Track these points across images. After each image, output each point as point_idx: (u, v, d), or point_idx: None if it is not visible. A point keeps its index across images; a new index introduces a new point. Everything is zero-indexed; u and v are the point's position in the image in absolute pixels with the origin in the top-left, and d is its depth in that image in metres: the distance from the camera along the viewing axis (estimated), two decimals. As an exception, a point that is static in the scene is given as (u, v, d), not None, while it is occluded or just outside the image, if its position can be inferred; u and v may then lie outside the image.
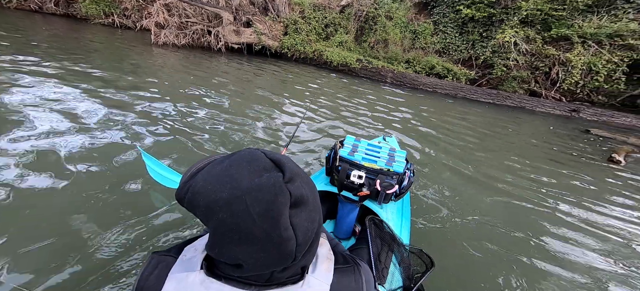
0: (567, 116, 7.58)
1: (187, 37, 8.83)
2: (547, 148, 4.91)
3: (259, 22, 8.96)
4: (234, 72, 6.96)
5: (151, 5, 9.42)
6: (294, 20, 9.17)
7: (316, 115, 4.67)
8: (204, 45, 9.01)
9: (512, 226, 2.52)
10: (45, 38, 6.99)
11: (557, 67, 7.84)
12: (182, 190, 0.51)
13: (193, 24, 8.88)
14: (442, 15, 9.52)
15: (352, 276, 0.62)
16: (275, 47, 9.06)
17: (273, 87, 5.98)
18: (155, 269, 0.56)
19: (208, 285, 0.51)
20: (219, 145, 3.21)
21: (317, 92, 6.14)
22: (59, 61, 5.26)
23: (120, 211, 1.98)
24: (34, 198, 2.05)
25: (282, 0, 9.37)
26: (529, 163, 4.04)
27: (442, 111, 6.28)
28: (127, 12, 10.20)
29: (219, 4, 8.79)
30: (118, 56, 6.63)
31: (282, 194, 0.46)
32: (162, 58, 7.20)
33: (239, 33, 8.77)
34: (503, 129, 5.69)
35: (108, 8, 10.18)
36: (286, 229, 0.46)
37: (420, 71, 9.01)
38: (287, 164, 0.50)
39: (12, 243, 1.68)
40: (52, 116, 3.19)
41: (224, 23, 8.64)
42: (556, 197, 3.16)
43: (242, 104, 4.62)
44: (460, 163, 3.66)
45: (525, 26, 8.23)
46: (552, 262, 2.17)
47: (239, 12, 8.84)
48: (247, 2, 9.22)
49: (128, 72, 5.38)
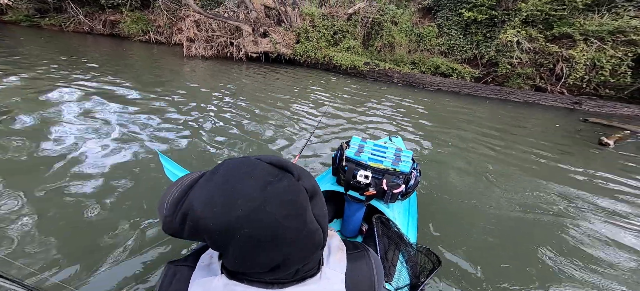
0: (570, 108, 7.17)
1: (212, 49, 8.90)
2: (544, 135, 4.75)
3: (274, 33, 8.93)
4: (253, 78, 6.92)
5: (181, 22, 9.60)
6: (305, 29, 9.12)
7: (325, 116, 4.53)
8: (227, 55, 9.06)
9: (511, 223, 2.32)
10: (91, 53, 7.22)
11: (561, 64, 7.35)
12: (174, 221, 0.45)
13: (218, 37, 8.97)
14: (446, 19, 9.10)
15: (363, 260, 0.59)
16: (289, 54, 9.02)
17: (287, 91, 5.89)
18: (173, 278, 0.52)
19: (232, 287, 0.48)
20: (235, 147, 3.14)
21: (327, 93, 5.99)
22: (102, 73, 5.39)
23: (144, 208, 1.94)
24: (70, 194, 2.04)
25: (294, 12, 9.33)
26: (531, 150, 3.91)
27: (445, 107, 5.99)
28: (160, 29, 10.39)
29: (240, 19, 8.85)
30: (154, 67, 6.76)
31: (301, 193, 0.45)
32: (192, 68, 7.29)
33: (257, 43, 8.78)
34: (507, 122, 5.35)
35: (145, 26, 10.41)
36: (312, 222, 0.45)
37: (425, 71, 8.66)
38: (290, 165, 0.48)
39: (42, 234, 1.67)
40: (90, 122, 3.24)
41: (244, 35, 8.70)
42: (551, 178, 3.08)
43: (259, 108, 4.55)
44: (462, 157, 3.44)
45: (527, 26, 7.77)
46: (555, 250, 1.95)
47: (256, 25, 8.84)
48: (264, 15, 9.22)
49: (162, 81, 5.45)
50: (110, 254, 1.60)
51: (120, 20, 10.55)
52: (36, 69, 5.19)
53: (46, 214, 1.85)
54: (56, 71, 5.27)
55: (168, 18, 10.21)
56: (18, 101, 3.58)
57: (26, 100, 3.66)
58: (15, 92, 3.92)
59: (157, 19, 10.35)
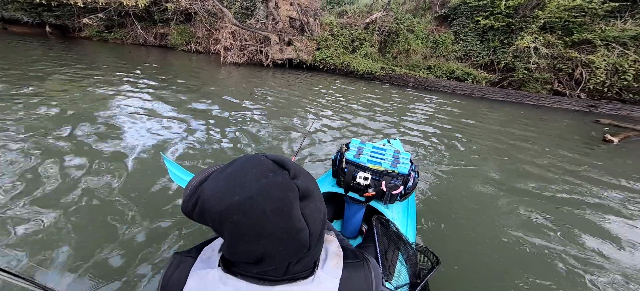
0: (585, 111, 6.55)
1: (244, 57, 9.15)
2: (553, 136, 4.48)
3: (297, 41, 8.99)
4: (278, 81, 7.02)
5: (217, 33, 9.97)
6: (325, 37, 9.08)
7: (337, 116, 4.44)
8: (257, 62, 9.26)
9: (512, 219, 2.16)
10: (143, 64, 7.73)
11: (581, 69, 6.67)
12: (189, 203, 0.47)
13: (249, 45, 9.21)
14: (462, 26, 8.58)
15: (361, 271, 0.54)
16: (310, 61, 9.04)
17: (306, 93, 5.91)
18: (177, 268, 0.51)
19: (225, 280, 0.47)
20: (259, 143, 3.18)
21: (341, 96, 5.89)
22: (151, 78, 5.71)
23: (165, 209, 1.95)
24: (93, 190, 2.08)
25: (315, 23, 9.34)
26: (536, 149, 3.74)
27: (454, 109, 5.64)
28: (199, 40, 10.89)
29: (268, 29, 9.01)
30: (195, 72, 7.07)
31: (291, 190, 0.43)
32: (227, 73, 7.56)
33: (282, 51, 8.89)
34: (518, 123, 4.93)
35: (187, 38, 10.96)
36: (299, 220, 0.43)
37: (441, 76, 8.24)
38: (289, 163, 0.46)
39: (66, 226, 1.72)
40: (141, 124, 3.38)
41: (272, 43, 8.83)
42: (559, 180, 2.90)
43: (282, 107, 4.60)
44: (466, 159, 3.20)
45: (545, 32, 7.13)
46: (554, 245, 1.74)
47: (282, 34, 8.96)
48: (289, 25, 9.31)
49: (202, 84, 5.68)
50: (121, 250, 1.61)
51: (169, 33, 11.17)
52: (106, 75, 5.64)
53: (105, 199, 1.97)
54: (121, 75, 5.71)
55: (206, 30, 10.66)
56: (90, 104, 3.90)
57: (93, 101, 3.98)
58: (92, 94, 4.29)
59: (197, 31, 10.84)
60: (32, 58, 6.52)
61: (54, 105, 3.61)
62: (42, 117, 3.20)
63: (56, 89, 4.35)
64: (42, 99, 3.79)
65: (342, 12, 10.29)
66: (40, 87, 4.36)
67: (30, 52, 7.27)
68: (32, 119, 3.11)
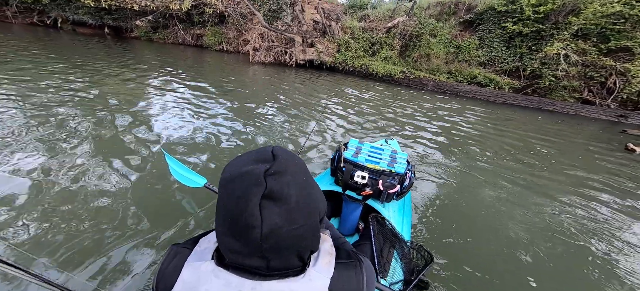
0: (614, 120, 5.99)
1: (271, 56, 9.37)
2: (576, 143, 4.26)
3: (319, 43, 9.01)
4: (300, 80, 7.10)
5: (246, 34, 10.31)
6: (345, 40, 9.02)
7: (344, 116, 4.41)
8: (281, 62, 9.44)
9: (512, 217, 2.07)
10: (179, 62, 8.23)
11: (614, 77, 5.99)
12: None
13: (276, 46, 9.40)
14: (488, 31, 8.08)
15: (353, 271, 0.52)
16: (330, 62, 9.03)
17: (324, 92, 5.93)
18: (173, 259, 0.51)
19: (217, 273, 0.46)
20: (275, 136, 3.27)
21: (359, 96, 5.83)
22: (184, 73, 6.03)
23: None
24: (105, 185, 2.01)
25: (337, 26, 9.29)
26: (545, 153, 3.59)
27: (472, 115, 5.34)
28: (229, 40, 11.35)
29: (294, 31, 9.12)
30: (226, 70, 7.37)
31: (258, 185, 0.40)
32: (254, 71, 7.80)
33: (305, 52, 8.97)
34: (537, 131, 4.56)
35: (220, 38, 11.48)
36: (252, 216, 0.39)
37: (461, 81, 7.84)
38: (280, 160, 0.43)
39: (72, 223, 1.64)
40: (171, 119, 3.46)
41: (296, 45, 8.94)
42: (575, 184, 2.76)
43: (301, 105, 4.67)
44: (480, 165, 3.04)
45: (578, 39, 6.49)
46: (546, 244, 1.62)
47: (306, 36, 9.02)
48: (312, 28, 9.35)
49: (231, 81, 5.91)
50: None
51: (204, 34, 11.77)
52: (148, 71, 6.11)
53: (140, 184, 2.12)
54: (163, 72, 6.14)
55: (237, 31, 11.08)
56: (135, 95, 4.26)
57: (135, 95, 4.33)
58: (138, 87, 4.68)
59: (228, 32, 11.30)
60: (95, 55, 7.23)
61: (98, 95, 3.95)
62: (87, 102, 3.54)
63: (113, 84, 4.78)
64: (92, 88, 4.20)
65: (364, 16, 10.12)
66: (97, 81, 4.83)
67: (91, 50, 8.08)
68: (79, 103, 3.45)
